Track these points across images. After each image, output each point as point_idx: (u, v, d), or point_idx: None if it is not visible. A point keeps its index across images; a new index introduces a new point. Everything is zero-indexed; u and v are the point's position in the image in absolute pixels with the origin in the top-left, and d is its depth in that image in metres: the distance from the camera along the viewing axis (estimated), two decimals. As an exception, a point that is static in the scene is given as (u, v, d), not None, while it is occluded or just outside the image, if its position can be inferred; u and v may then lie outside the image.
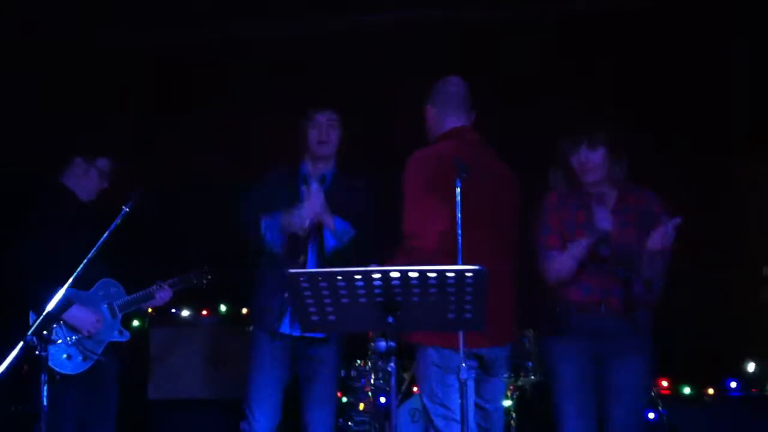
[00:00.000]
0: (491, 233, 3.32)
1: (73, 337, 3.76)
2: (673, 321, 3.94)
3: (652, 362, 3.50)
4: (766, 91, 4.66)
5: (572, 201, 3.49)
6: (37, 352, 3.06)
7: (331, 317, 2.59)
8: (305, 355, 3.80)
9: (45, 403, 2.85)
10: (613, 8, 4.83)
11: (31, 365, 3.08)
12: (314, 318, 2.60)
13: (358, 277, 2.47)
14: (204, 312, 4.89)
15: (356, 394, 4.77)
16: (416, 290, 2.49)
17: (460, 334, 2.88)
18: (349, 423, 4.69)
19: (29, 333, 2.88)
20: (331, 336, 3.79)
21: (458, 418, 3.02)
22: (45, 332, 2.89)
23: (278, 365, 3.76)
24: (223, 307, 4.99)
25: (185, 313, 4.74)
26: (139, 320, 4.57)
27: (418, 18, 4.98)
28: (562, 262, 3.40)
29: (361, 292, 2.50)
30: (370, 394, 4.73)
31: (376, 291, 2.49)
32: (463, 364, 2.84)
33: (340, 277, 2.47)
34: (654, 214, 3.34)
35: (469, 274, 2.43)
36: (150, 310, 4.38)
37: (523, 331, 4.28)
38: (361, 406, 4.74)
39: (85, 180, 3.97)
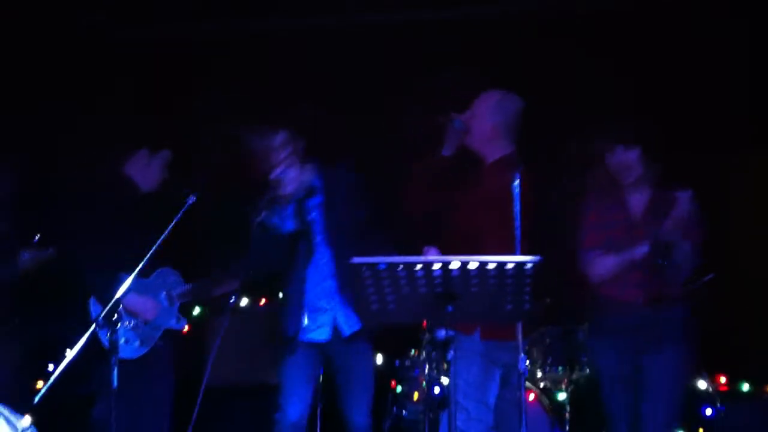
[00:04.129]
0: None
1: (132, 323, 3.86)
2: (732, 318, 3.90)
3: (690, 355, 3.49)
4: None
5: (610, 200, 3.53)
6: (107, 336, 3.18)
7: (391, 306, 2.63)
8: (337, 350, 3.74)
9: (115, 385, 2.93)
10: (611, 9, 4.79)
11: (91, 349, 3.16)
12: (374, 306, 2.64)
13: (418, 266, 2.51)
14: (262, 301, 4.97)
15: (410, 384, 4.81)
16: (475, 281, 2.52)
17: (519, 325, 2.89)
18: (403, 412, 4.73)
19: (100, 317, 2.96)
20: (357, 332, 3.71)
21: (492, 406, 3.06)
22: (113, 317, 2.98)
23: (307, 363, 3.74)
24: (281, 296, 5.06)
25: (244, 301, 4.83)
26: (199, 308, 4.67)
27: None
28: (606, 265, 3.43)
29: (421, 281, 2.53)
30: (423, 384, 4.76)
31: (436, 281, 2.52)
32: (521, 355, 2.86)
33: (401, 267, 2.51)
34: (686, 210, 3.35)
35: (528, 265, 2.45)
36: (209, 298, 4.47)
37: (578, 324, 4.29)
38: (415, 395, 4.78)
39: (147, 170, 4.04)
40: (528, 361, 4.00)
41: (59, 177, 4.24)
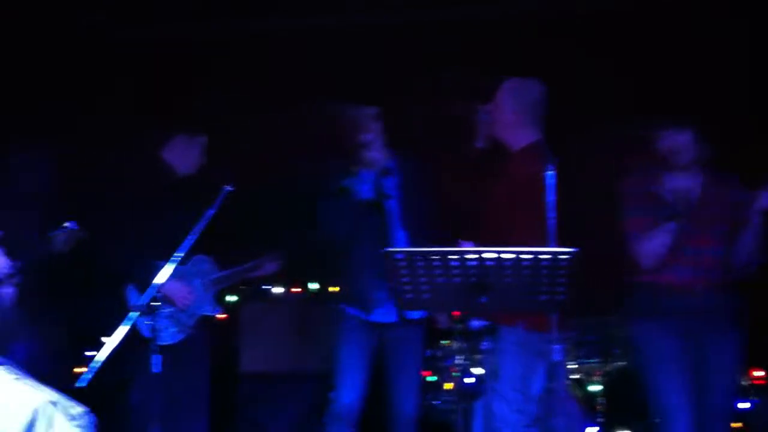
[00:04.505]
0: None
1: (167, 310, 3.90)
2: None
3: (743, 344, 3.49)
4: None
5: (657, 184, 3.51)
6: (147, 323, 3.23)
7: (426, 296, 2.64)
8: (391, 335, 3.83)
9: (157, 370, 2.96)
10: (611, 9, 4.73)
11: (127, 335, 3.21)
12: (409, 296, 2.65)
13: (453, 257, 2.51)
14: (294, 289, 5.01)
15: (442, 374, 4.82)
16: (509, 271, 2.52)
17: (554, 317, 2.89)
18: (435, 402, 4.74)
19: (142, 304, 2.99)
20: (416, 317, 3.82)
21: (535, 398, 3.05)
22: (154, 304, 3.01)
23: (365, 345, 3.80)
24: (312, 285, 5.11)
25: (276, 289, 4.87)
26: (232, 295, 4.72)
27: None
28: (654, 247, 3.41)
29: (456, 272, 2.54)
30: (456, 374, 4.76)
31: (471, 271, 2.53)
32: (555, 347, 2.85)
33: (436, 257, 2.52)
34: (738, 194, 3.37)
35: (563, 257, 2.45)
36: (243, 286, 4.52)
37: (611, 316, 4.26)
38: (447, 385, 4.79)
39: (185, 155, 4.06)
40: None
41: (97, 161, 4.29)
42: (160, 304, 3.12)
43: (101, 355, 2.96)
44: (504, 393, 3.29)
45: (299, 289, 5.04)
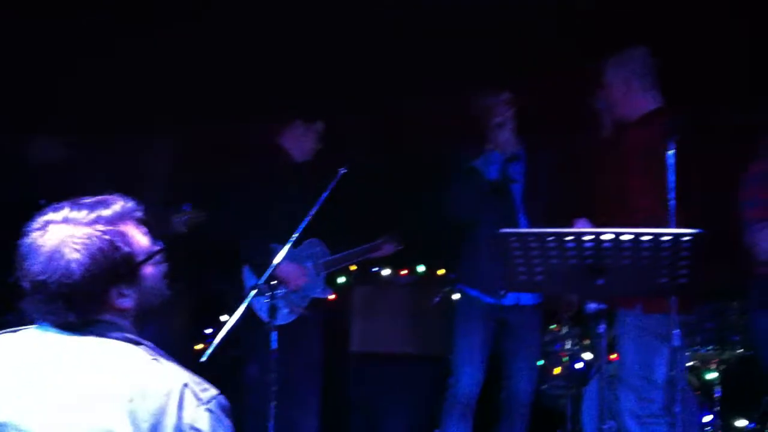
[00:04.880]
0: None
1: (281, 291, 4.00)
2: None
3: None
4: None
5: None
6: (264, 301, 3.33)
7: (539, 277, 2.62)
8: (510, 319, 3.83)
9: (275, 347, 3.05)
10: None
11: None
12: (522, 278, 2.64)
13: (569, 238, 2.48)
14: (403, 272, 5.06)
15: (551, 359, 4.77)
16: (628, 253, 2.47)
17: (673, 300, 2.81)
18: (544, 387, 4.70)
19: (260, 284, 3.08)
20: (535, 301, 3.83)
21: (662, 384, 2.97)
22: (272, 284, 3.11)
23: (484, 328, 3.81)
24: (420, 268, 5.14)
25: (385, 272, 4.93)
26: (343, 277, 4.81)
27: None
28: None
29: (572, 253, 2.51)
30: (565, 359, 4.71)
31: (587, 253, 2.49)
32: (676, 331, 2.78)
33: (551, 238, 2.50)
34: None
35: (686, 238, 2.38)
36: (353, 267, 4.59)
37: (729, 303, 4.12)
38: (557, 370, 4.74)
39: (302, 141, 4.17)
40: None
41: (216, 147, 4.42)
42: (276, 284, 3.22)
43: (220, 334, 3.08)
44: (628, 380, 3.22)
45: (406, 272, 5.08)
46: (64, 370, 1.57)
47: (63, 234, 1.61)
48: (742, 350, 4.18)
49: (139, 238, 1.70)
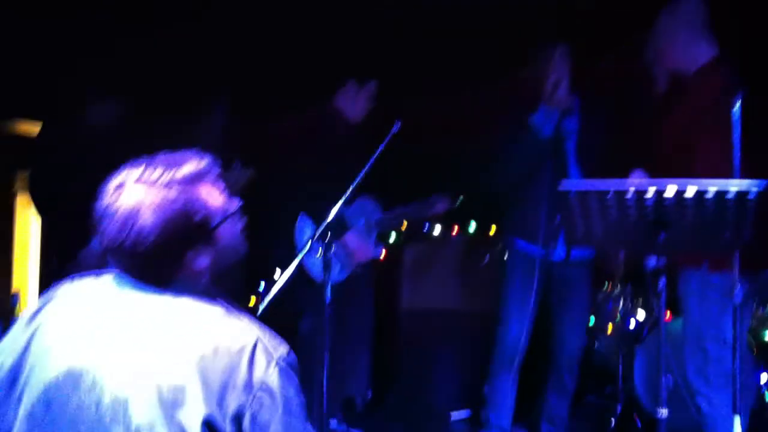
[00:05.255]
0: None
1: (333, 248, 4.02)
2: None
3: None
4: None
5: None
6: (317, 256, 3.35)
7: (598, 234, 2.59)
8: (560, 273, 3.83)
9: (329, 300, 3.08)
10: None
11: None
12: (580, 233, 2.61)
13: (630, 193, 2.44)
14: (454, 229, 5.04)
15: (603, 318, 4.74)
16: (690, 209, 2.42)
17: (737, 256, 2.75)
18: (597, 346, 4.68)
19: (315, 238, 3.10)
20: (585, 257, 3.81)
21: (731, 342, 2.91)
22: (326, 240, 3.12)
23: (533, 280, 3.79)
24: (471, 226, 5.13)
25: (437, 230, 4.92)
26: (395, 235, 4.81)
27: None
28: None
29: (632, 209, 2.47)
30: (617, 318, 4.68)
31: (648, 209, 2.44)
32: (738, 288, 2.72)
33: (611, 193, 2.45)
34: None
35: (752, 191, 2.32)
36: (404, 226, 4.59)
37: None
38: (609, 328, 4.71)
39: (355, 102, 4.17)
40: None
41: (270, 107, 4.44)
42: (329, 241, 3.23)
43: (274, 289, 3.11)
44: (695, 339, 3.16)
45: (458, 230, 5.07)
46: (139, 325, 1.60)
47: (138, 196, 1.60)
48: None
49: (215, 198, 1.68)
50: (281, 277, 3.17)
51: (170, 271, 1.64)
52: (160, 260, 1.62)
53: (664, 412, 2.61)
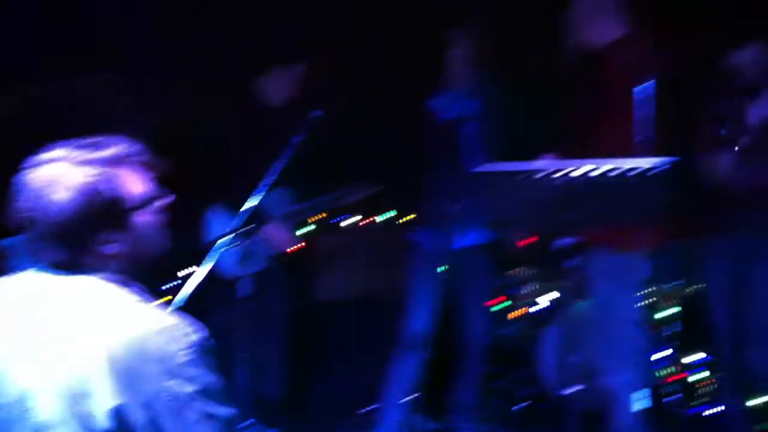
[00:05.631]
0: None
1: (252, 239, 3.97)
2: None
3: None
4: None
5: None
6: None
7: (512, 215, 2.65)
8: (462, 261, 3.85)
9: (243, 294, 3.02)
10: None
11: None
12: (494, 216, 2.67)
13: (540, 174, 2.51)
14: (368, 219, 5.06)
15: (512, 302, 4.85)
16: (598, 186, 2.50)
17: (642, 234, 2.86)
18: (507, 330, 4.79)
19: (231, 233, 3.05)
20: (485, 243, 3.84)
21: (636, 321, 3.02)
22: (247, 230, 3.08)
23: (435, 270, 3.85)
24: (387, 215, 5.15)
25: (350, 220, 4.92)
26: (310, 226, 4.79)
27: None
28: None
29: (542, 189, 2.54)
30: (526, 301, 4.80)
31: (558, 189, 2.52)
32: (644, 264, 2.83)
33: (522, 176, 2.52)
34: None
35: (655, 169, 2.42)
36: (320, 216, 4.57)
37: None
38: (518, 312, 4.82)
39: (278, 85, 4.07)
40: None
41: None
42: (248, 233, 3.19)
43: (187, 286, 3.05)
44: (603, 320, 3.23)
45: (374, 219, 5.09)
46: (48, 315, 1.57)
47: (54, 173, 1.60)
48: (700, 285, 4.30)
49: (134, 184, 1.67)
50: (198, 272, 3.12)
51: (80, 252, 1.62)
52: (70, 240, 1.60)
53: (571, 393, 2.67)
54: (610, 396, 3.19)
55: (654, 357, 4.18)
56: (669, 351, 4.24)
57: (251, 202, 3.25)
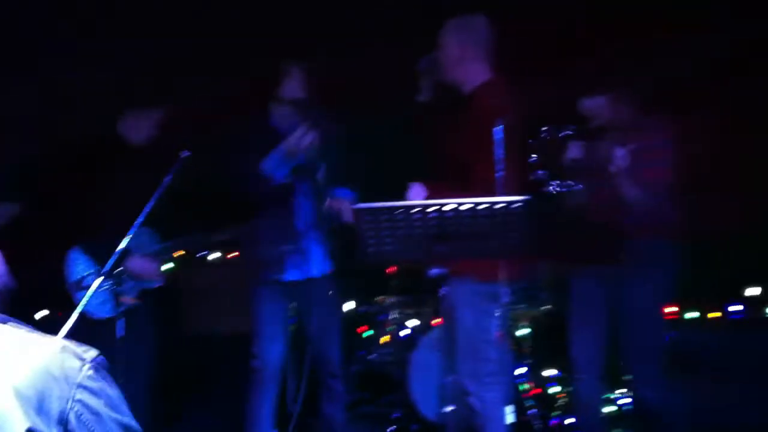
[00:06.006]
0: None
1: (122, 279, 3.89)
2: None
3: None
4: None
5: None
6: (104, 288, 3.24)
7: (388, 248, 2.79)
8: (304, 292, 3.93)
9: (121, 334, 2.99)
10: None
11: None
12: (371, 249, 2.80)
13: (415, 210, 2.67)
14: (231, 254, 5.07)
15: (378, 329, 5.01)
16: (467, 220, 2.70)
17: (503, 264, 3.07)
18: (373, 355, 4.93)
19: (105, 272, 3.01)
20: (327, 274, 3.94)
21: (497, 343, 3.22)
22: (116, 275, 3.04)
23: (280, 309, 3.92)
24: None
25: (213, 255, 4.92)
26: (172, 263, 4.74)
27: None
28: None
29: (418, 224, 2.70)
30: (391, 327, 4.97)
31: (431, 223, 2.69)
32: (504, 290, 3.04)
33: (399, 211, 2.67)
34: None
35: (516, 205, 2.64)
36: (181, 252, 4.54)
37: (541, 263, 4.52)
38: (383, 339, 4.98)
39: (139, 127, 4.06)
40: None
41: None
42: (118, 274, 3.14)
43: (62, 332, 2.97)
44: (466, 343, 3.36)
45: (236, 254, 5.11)
46: None
47: None
48: (549, 306, 4.63)
49: None
50: (72, 316, 3.03)
51: None
52: None
53: (443, 413, 2.78)
54: (479, 415, 3.36)
55: (515, 373, 4.46)
56: (525, 369, 4.53)
57: (120, 244, 3.20)
